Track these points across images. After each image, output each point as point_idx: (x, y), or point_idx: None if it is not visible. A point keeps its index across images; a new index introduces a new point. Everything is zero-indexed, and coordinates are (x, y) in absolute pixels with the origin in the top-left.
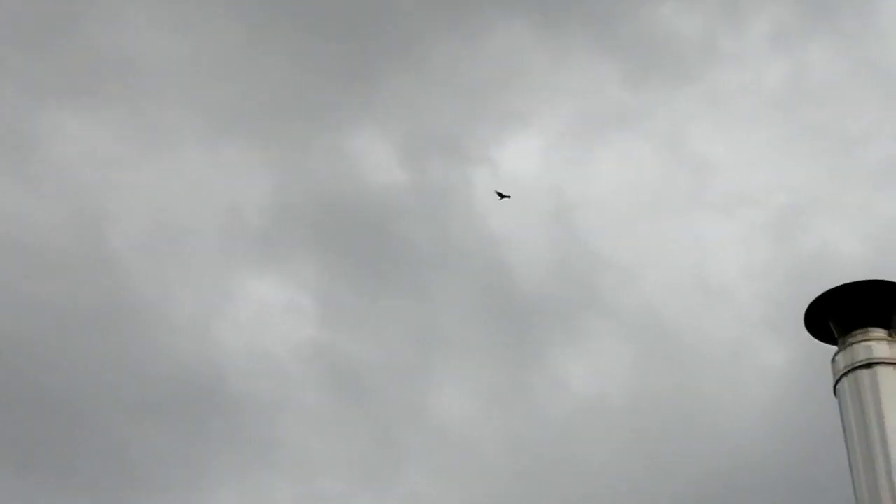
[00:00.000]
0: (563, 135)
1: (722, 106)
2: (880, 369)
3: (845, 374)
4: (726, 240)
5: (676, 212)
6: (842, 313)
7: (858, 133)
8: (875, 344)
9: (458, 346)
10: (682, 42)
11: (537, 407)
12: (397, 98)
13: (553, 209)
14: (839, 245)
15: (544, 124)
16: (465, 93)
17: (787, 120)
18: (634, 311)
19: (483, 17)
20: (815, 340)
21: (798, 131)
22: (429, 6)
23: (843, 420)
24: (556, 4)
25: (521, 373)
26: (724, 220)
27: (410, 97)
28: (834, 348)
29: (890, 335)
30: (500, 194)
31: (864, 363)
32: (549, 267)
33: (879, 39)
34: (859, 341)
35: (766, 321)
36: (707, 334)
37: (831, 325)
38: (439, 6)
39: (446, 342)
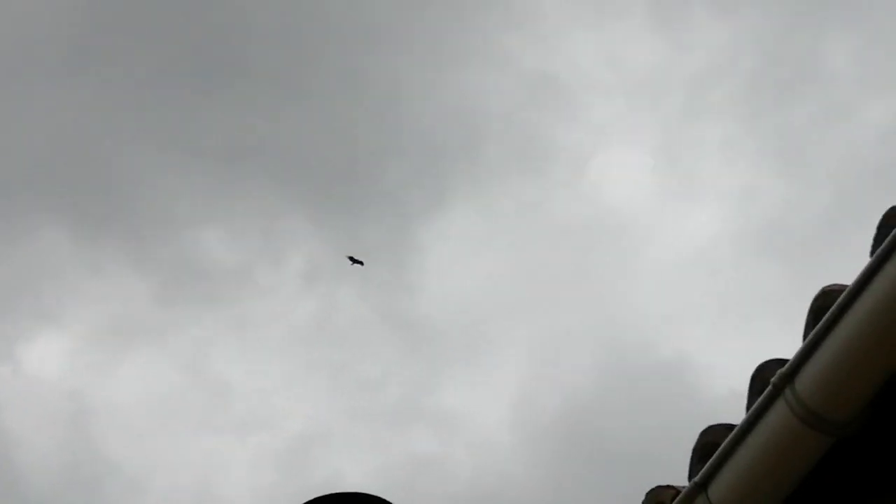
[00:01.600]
0: (89, 341)
1: (249, 333)
2: None
3: None
4: (237, 461)
5: (192, 428)
6: None
7: (374, 375)
8: None
9: None
10: (218, 269)
11: None
12: None
13: (71, 412)
14: (347, 476)
15: (73, 329)
16: None
17: (310, 354)
18: None
19: (24, 220)
20: None
21: (320, 366)
22: None
23: None
24: (97, 217)
25: None
26: (237, 442)
27: None
28: None
29: None
30: (352, 259)
31: None
32: (60, 470)
33: (403, 292)
34: None
35: None
36: None
37: None
38: None
39: None
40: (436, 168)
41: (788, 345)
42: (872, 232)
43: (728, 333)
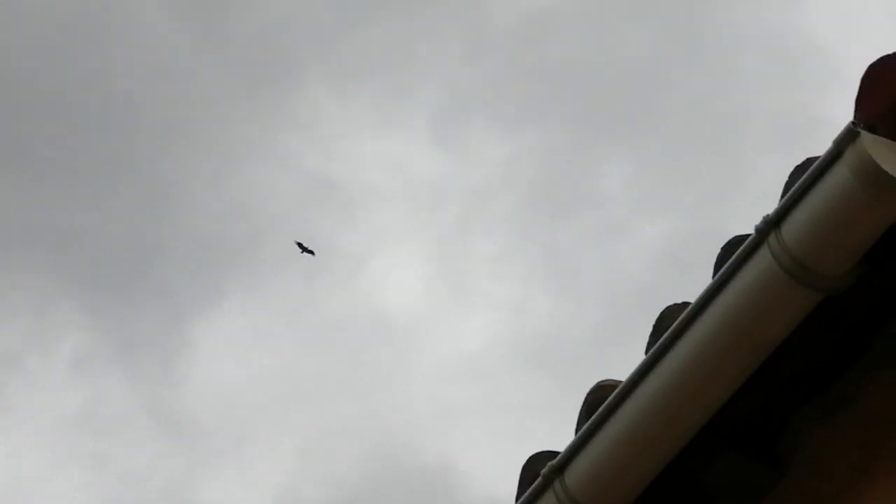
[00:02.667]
0: None
1: (13, 419)
2: None
3: None
4: None
5: None
6: None
7: (138, 468)
8: None
9: None
10: None
11: None
12: None
13: None
14: None
15: None
16: None
17: (74, 444)
18: None
19: None
20: None
21: (83, 457)
22: None
23: None
24: None
25: None
26: None
27: None
28: None
29: None
30: (301, 247)
31: None
32: None
33: (172, 385)
34: None
35: None
36: None
37: None
38: None
39: None
40: (213, 262)
41: (560, 442)
42: (637, 349)
43: (497, 439)
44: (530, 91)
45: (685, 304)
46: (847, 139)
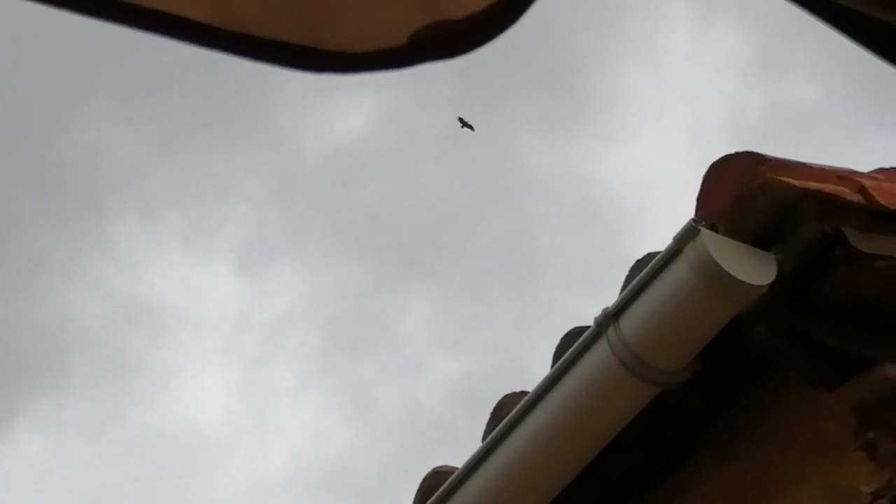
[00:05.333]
0: None
1: None
2: None
3: None
4: None
5: None
6: None
7: None
8: None
9: None
10: None
11: None
12: None
13: None
14: None
15: None
16: None
17: None
18: None
19: None
20: None
21: None
22: None
23: None
24: None
25: None
26: None
27: None
28: None
29: None
30: (462, 122)
31: None
32: None
33: None
34: None
35: None
36: None
37: None
38: None
39: None
40: (13, 381)
41: None
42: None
43: None
44: (336, 229)
45: (523, 392)
46: (687, 236)
